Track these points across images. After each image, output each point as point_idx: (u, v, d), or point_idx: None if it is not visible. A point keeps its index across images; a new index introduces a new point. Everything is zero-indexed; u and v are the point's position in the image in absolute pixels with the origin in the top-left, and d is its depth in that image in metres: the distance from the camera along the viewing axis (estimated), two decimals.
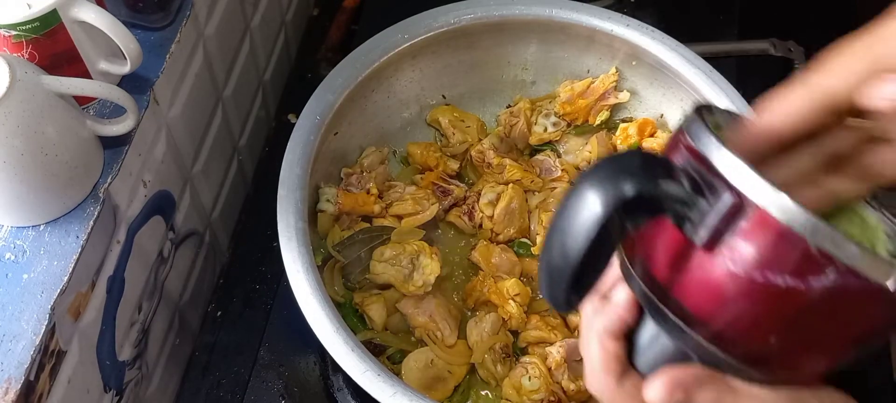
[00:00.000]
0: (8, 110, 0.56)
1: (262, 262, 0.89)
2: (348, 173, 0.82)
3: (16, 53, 0.61)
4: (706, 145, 0.41)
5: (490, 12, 0.84)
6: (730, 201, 0.39)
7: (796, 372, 0.43)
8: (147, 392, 0.81)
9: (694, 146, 0.42)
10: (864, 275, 0.38)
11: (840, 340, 0.42)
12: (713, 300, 0.41)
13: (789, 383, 0.44)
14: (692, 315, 0.42)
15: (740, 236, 0.39)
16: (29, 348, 0.58)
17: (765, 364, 0.42)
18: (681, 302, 0.42)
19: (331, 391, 0.80)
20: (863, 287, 0.38)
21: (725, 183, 0.40)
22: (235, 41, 0.91)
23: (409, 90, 0.87)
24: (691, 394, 0.42)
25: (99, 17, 0.62)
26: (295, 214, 0.70)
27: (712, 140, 0.41)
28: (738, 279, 0.40)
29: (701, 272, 0.41)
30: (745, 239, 0.39)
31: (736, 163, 0.40)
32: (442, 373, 0.74)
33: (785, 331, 0.40)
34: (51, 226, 0.63)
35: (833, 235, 0.38)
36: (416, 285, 0.75)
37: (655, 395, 0.43)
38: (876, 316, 0.40)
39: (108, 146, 0.66)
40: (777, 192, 0.39)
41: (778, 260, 0.39)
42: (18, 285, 0.60)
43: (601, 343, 0.46)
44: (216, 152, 0.89)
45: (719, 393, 0.42)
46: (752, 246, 0.39)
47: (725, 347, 0.42)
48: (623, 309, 0.47)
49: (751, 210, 0.39)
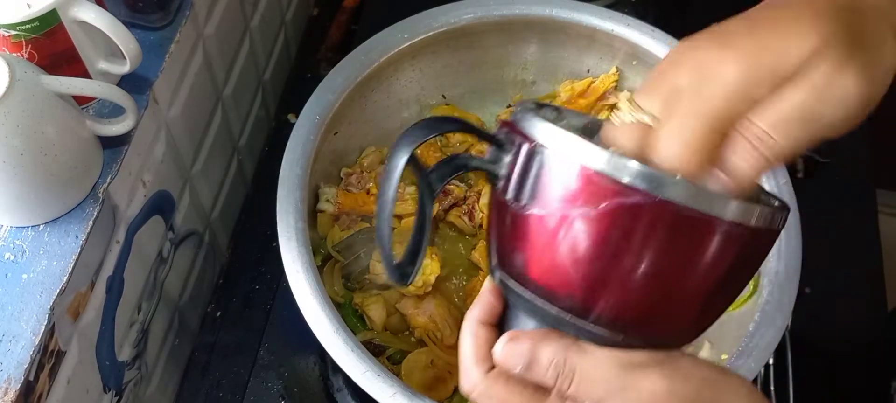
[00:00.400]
0: (7, 110, 0.56)
1: (261, 262, 0.89)
2: (348, 173, 0.82)
3: (15, 53, 0.61)
4: (518, 116, 0.44)
5: (490, 12, 0.84)
6: (525, 146, 0.42)
7: (653, 331, 0.43)
8: (146, 392, 0.81)
9: (510, 121, 0.45)
10: (671, 202, 0.39)
11: (676, 284, 0.41)
12: (542, 259, 0.42)
13: (651, 346, 0.43)
14: (534, 282, 0.43)
15: (544, 185, 0.42)
16: (28, 348, 0.58)
17: (616, 327, 0.42)
18: (523, 272, 0.44)
19: (330, 391, 0.79)
20: (677, 217, 0.39)
21: (523, 135, 0.43)
22: (235, 41, 0.91)
23: (409, 90, 0.87)
24: (536, 349, 0.42)
25: (98, 17, 0.62)
26: (294, 214, 0.70)
27: (526, 113, 0.44)
28: (554, 228, 0.41)
29: (526, 234, 0.43)
30: (548, 186, 0.41)
31: (535, 120, 0.43)
32: (442, 374, 0.74)
33: (618, 281, 0.41)
34: (50, 226, 0.63)
35: (632, 166, 0.39)
36: (416, 285, 0.75)
37: (499, 350, 0.43)
38: (701, 248, 0.40)
39: (108, 146, 0.66)
40: (567, 134, 0.41)
41: (580, 197, 0.40)
42: (18, 285, 0.60)
43: (472, 332, 0.46)
44: (216, 152, 0.89)
45: (565, 349, 0.42)
46: (553, 189, 0.41)
47: (574, 311, 0.42)
48: (490, 293, 0.47)
49: (545, 152, 0.42)
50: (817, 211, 0.78)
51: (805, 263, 0.71)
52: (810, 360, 0.80)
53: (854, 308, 0.88)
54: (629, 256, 0.40)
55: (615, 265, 0.41)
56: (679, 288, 0.42)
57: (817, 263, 0.74)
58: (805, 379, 0.79)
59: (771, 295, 0.69)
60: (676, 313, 0.43)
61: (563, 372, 0.42)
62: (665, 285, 0.41)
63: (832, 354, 0.86)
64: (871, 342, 0.86)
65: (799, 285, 0.70)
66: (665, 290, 0.42)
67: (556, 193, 0.41)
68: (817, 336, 0.84)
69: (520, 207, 0.43)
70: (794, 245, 0.71)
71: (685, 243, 0.40)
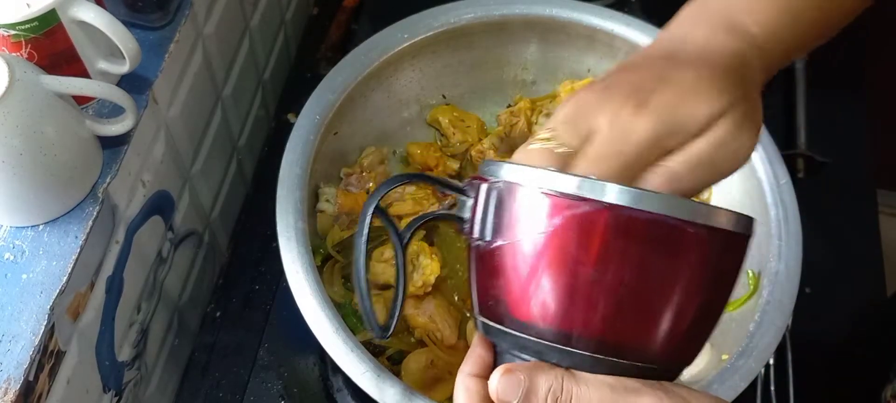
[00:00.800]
0: (7, 110, 0.56)
1: (261, 262, 0.89)
2: (348, 173, 0.82)
3: (15, 53, 0.61)
4: (481, 167, 0.47)
5: (490, 12, 0.84)
6: (483, 185, 0.46)
7: (637, 349, 0.43)
8: (146, 392, 0.81)
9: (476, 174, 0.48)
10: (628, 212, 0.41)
11: (643, 293, 0.42)
12: (513, 289, 0.44)
13: (642, 370, 0.44)
14: (512, 316, 0.44)
15: (502, 215, 0.44)
16: (28, 348, 0.58)
17: (601, 348, 0.42)
18: (500, 309, 0.45)
19: (330, 391, 0.79)
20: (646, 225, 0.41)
21: (481, 178, 0.46)
22: (235, 40, 0.90)
23: (409, 90, 0.87)
24: (532, 377, 0.43)
25: (98, 17, 0.62)
26: (294, 214, 0.70)
27: (488, 163, 0.47)
28: (518, 255, 0.43)
29: (495, 268, 0.45)
30: (505, 215, 0.44)
31: (492, 164, 0.46)
32: (442, 374, 0.74)
33: (586, 296, 0.42)
34: (50, 226, 0.63)
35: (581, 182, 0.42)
36: (416, 285, 0.75)
37: (495, 382, 0.43)
38: (658, 251, 0.42)
39: (107, 146, 0.66)
40: (515, 164, 0.44)
41: (535, 217, 0.42)
42: (17, 285, 0.60)
43: (465, 387, 0.47)
44: (215, 152, 0.89)
45: (560, 376, 0.43)
46: (511, 217, 0.44)
47: (557, 339, 0.43)
48: (478, 346, 0.48)
49: (499, 185, 0.45)
50: (817, 212, 0.78)
51: (805, 263, 0.71)
52: (810, 360, 0.80)
53: (854, 308, 0.88)
54: (589, 267, 0.41)
55: (579, 279, 0.42)
56: (648, 298, 0.42)
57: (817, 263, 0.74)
58: (805, 379, 0.79)
59: (771, 295, 0.69)
60: (652, 326, 0.43)
61: (561, 399, 0.42)
62: (631, 295, 0.42)
63: (832, 354, 0.86)
64: (872, 341, 0.86)
65: (799, 285, 0.70)
66: (633, 301, 0.42)
67: (513, 220, 0.44)
68: (817, 336, 0.84)
69: (486, 244, 0.45)
70: (794, 245, 0.71)
71: (639, 248, 0.41)
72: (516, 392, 0.43)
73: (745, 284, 0.75)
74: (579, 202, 0.41)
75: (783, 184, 0.74)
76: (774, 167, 0.76)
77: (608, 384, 0.42)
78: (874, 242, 0.92)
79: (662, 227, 0.41)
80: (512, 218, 0.44)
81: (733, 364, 0.66)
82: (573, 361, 0.43)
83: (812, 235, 0.73)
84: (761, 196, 0.75)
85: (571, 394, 0.42)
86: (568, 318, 0.42)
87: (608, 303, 0.42)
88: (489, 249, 0.45)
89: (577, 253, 0.41)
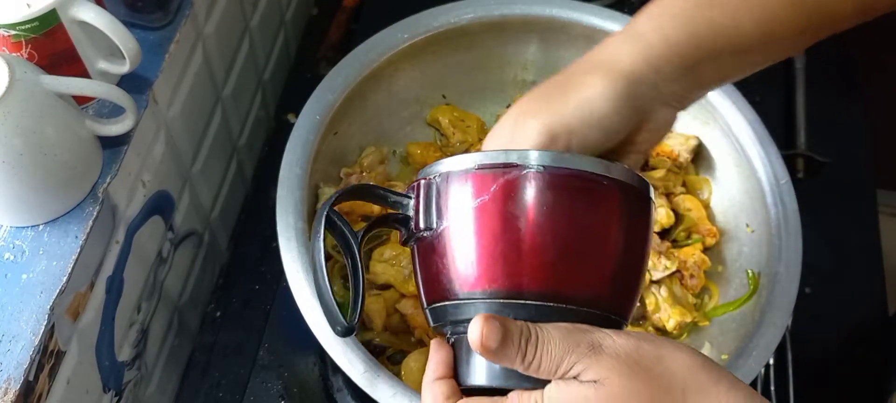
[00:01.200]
0: (7, 110, 0.56)
1: (261, 262, 0.89)
2: (348, 173, 0.82)
3: (15, 53, 0.61)
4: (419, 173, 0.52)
5: (490, 12, 0.84)
6: (422, 182, 0.51)
7: (583, 298, 0.48)
8: (146, 392, 0.81)
9: None
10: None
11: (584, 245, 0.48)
12: (465, 261, 0.49)
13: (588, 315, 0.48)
14: (463, 287, 0.49)
15: (444, 200, 0.50)
16: (28, 348, 0.58)
17: (549, 295, 0.47)
18: (453, 285, 0.49)
19: (330, 391, 0.79)
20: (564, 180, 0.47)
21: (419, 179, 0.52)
22: (235, 40, 0.91)
23: (409, 90, 0.87)
24: (505, 325, 0.45)
25: (98, 17, 0.62)
26: (294, 214, 0.70)
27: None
28: (465, 229, 0.48)
29: (446, 248, 0.49)
30: (447, 200, 0.49)
31: (427, 166, 0.51)
32: None
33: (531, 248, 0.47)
34: (50, 226, 0.63)
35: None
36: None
37: (476, 331, 0.45)
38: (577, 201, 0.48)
39: (107, 146, 0.66)
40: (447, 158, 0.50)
41: (474, 191, 0.48)
42: (17, 285, 0.60)
43: (432, 393, 0.49)
44: (215, 152, 0.89)
45: (524, 324, 0.46)
46: (453, 199, 0.49)
47: (509, 295, 0.47)
48: (434, 349, 0.51)
49: (436, 178, 0.50)
50: (817, 211, 0.78)
51: (805, 263, 0.71)
52: (810, 360, 0.80)
53: (854, 308, 0.88)
54: (528, 223, 0.47)
55: (521, 235, 0.47)
56: (580, 244, 0.48)
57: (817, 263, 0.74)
58: (805, 379, 0.79)
59: (771, 295, 0.69)
60: (588, 269, 0.48)
61: (531, 339, 0.45)
62: (565, 242, 0.48)
63: (832, 354, 0.86)
64: (872, 341, 0.86)
65: (799, 285, 0.70)
66: (568, 247, 0.48)
67: (454, 201, 0.49)
68: (817, 336, 0.84)
69: (431, 233, 0.50)
70: (794, 245, 0.71)
71: (566, 200, 0.48)
72: (497, 337, 0.45)
73: (745, 284, 0.75)
74: (510, 168, 0.48)
75: (783, 184, 0.74)
76: (774, 167, 0.76)
77: (564, 326, 0.46)
78: (874, 242, 0.92)
79: (582, 181, 0.48)
80: (453, 201, 0.49)
81: (733, 363, 0.66)
82: (528, 313, 0.47)
83: (812, 235, 0.73)
84: (761, 196, 0.75)
85: (537, 333, 0.46)
86: (516, 273, 0.47)
87: (547, 251, 0.47)
88: (434, 236, 0.50)
89: (516, 212, 0.47)
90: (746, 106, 0.78)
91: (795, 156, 0.94)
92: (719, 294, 0.77)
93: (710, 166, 0.83)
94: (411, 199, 0.52)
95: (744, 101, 0.78)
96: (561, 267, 0.48)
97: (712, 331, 0.75)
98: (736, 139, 0.78)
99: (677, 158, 0.83)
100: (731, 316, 0.74)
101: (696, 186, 0.83)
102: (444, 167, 0.50)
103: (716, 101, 0.79)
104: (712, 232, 0.79)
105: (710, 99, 0.79)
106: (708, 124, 0.82)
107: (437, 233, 0.50)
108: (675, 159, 0.83)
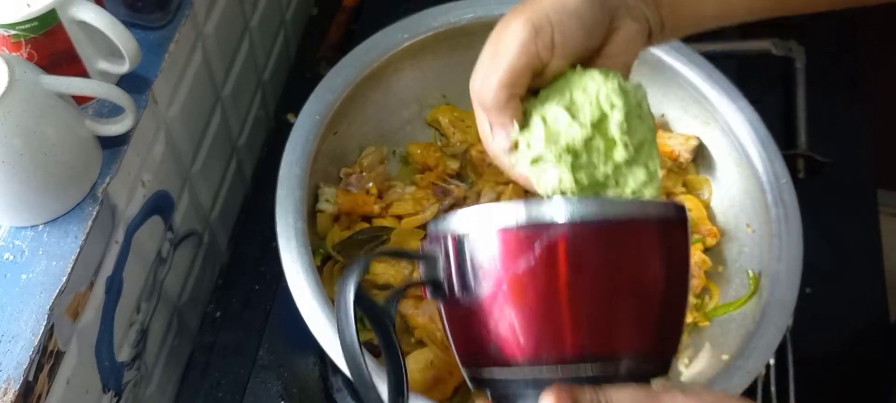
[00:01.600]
0: (7, 110, 0.56)
1: (261, 263, 0.89)
2: (348, 173, 0.82)
3: (15, 53, 0.61)
4: (431, 226, 0.49)
5: (490, 12, 0.84)
6: (449, 241, 0.47)
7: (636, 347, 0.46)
8: (146, 392, 0.81)
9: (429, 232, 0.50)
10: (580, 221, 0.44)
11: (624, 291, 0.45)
12: (512, 327, 0.45)
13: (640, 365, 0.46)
14: (515, 356, 0.45)
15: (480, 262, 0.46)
16: (28, 348, 0.57)
17: (604, 355, 0.45)
18: (503, 353, 0.46)
19: (330, 392, 0.79)
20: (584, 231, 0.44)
21: (444, 235, 0.47)
22: (234, 40, 0.90)
23: (409, 90, 0.87)
24: (575, 395, 0.44)
25: (97, 17, 0.62)
26: (294, 214, 0.70)
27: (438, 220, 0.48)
28: (509, 293, 0.45)
29: (489, 314, 0.45)
30: (484, 262, 0.45)
31: (448, 217, 0.47)
32: (442, 374, 0.74)
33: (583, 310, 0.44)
34: (49, 226, 0.63)
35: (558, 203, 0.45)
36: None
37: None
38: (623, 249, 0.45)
39: (107, 146, 0.66)
40: (476, 208, 0.46)
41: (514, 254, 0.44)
42: (17, 285, 0.60)
43: None
44: (215, 152, 0.89)
45: (593, 391, 0.44)
46: (490, 262, 0.45)
47: (563, 360, 0.45)
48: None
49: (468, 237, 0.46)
50: (817, 211, 0.78)
51: (805, 263, 0.71)
52: (811, 360, 0.80)
53: (854, 308, 0.88)
54: (586, 281, 0.45)
55: (576, 295, 0.44)
56: (622, 294, 0.45)
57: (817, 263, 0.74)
58: (806, 379, 0.79)
59: (772, 295, 0.69)
60: (636, 319, 0.46)
61: None
62: (608, 296, 0.45)
63: (833, 354, 0.86)
64: (872, 342, 0.86)
65: (799, 285, 0.69)
66: (612, 300, 0.45)
67: (492, 266, 0.45)
68: (818, 336, 0.84)
69: (470, 297, 0.46)
70: (795, 245, 0.71)
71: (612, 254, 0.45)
72: None
73: (746, 284, 0.75)
74: (548, 226, 0.44)
75: (783, 184, 0.74)
76: (775, 167, 0.76)
77: (631, 390, 0.44)
78: (874, 242, 0.92)
79: (623, 229, 0.45)
80: (489, 266, 0.45)
81: (734, 363, 0.66)
82: (588, 374, 0.45)
83: (812, 235, 0.73)
84: (761, 196, 0.75)
85: (607, 399, 0.44)
86: (575, 336, 0.44)
87: (601, 310, 0.45)
88: (477, 299, 0.46)
89: (566, 276, 0.44)
90: (747, 106, 0.78)
91: (796, 156, 0.94)
92: (720, 294, 0.77)
93: (711, 166, 0.83)
94: (440, 260, 0.48)
95: (744, 101, 0.78)
96: (615, 324, 0.45)
97: (713, 331, 0.75)
98: (736, 139, 0.78)
99: (677, 158, 0.83)
100: (732, 316, 0.74)
101: (697, 186, 0.83)
102: (472, 224, 0.46)
103: (716, 101, 0.79)
104: (713, 232, 0.79)
105: (710, 99, 0.79)
106: (708, 124, 0.82)
107: (477, 296, 0.46)
108: (675, 159, 0.83)
